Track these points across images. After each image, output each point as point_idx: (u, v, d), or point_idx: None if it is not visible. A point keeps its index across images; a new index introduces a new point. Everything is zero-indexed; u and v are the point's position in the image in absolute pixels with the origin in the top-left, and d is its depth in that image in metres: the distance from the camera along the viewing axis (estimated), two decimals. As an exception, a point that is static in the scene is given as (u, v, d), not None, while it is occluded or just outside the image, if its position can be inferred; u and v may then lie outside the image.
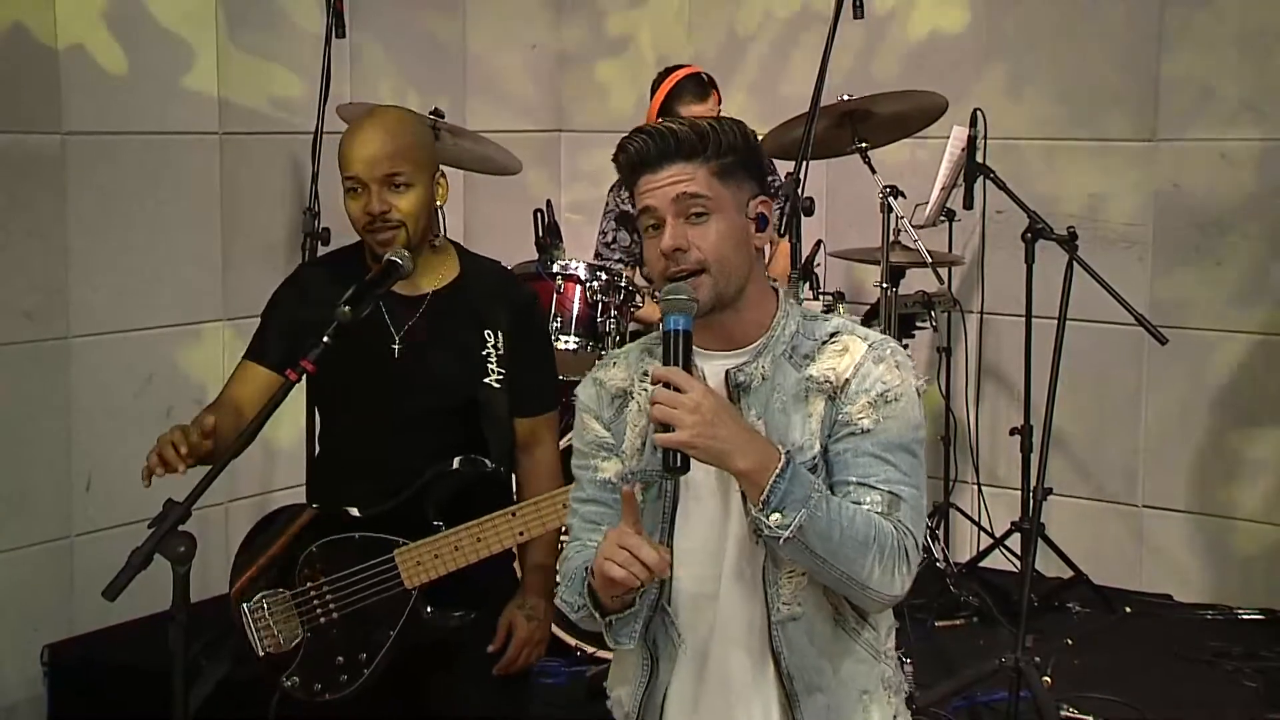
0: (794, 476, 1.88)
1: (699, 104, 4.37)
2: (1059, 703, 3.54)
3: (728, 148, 2.00)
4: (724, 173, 2.00)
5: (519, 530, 2.57)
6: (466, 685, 2.68)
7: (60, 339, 3.92)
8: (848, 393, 1.98)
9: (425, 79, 4.85)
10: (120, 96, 4.02)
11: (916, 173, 4.44)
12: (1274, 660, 3.97)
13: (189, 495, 2.20)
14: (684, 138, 1.99)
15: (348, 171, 2.59)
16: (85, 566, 3.93)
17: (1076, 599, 4.37)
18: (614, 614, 1.99)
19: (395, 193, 2.58)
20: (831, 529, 1.87)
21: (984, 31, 4.76)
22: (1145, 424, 4.59)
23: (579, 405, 2.17)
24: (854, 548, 1.88)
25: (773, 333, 2.03)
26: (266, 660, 2.63)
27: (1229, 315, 4.44)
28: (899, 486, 1.95)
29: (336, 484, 2.68)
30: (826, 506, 1.88)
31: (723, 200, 1.99)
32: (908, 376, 2.00)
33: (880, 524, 1.91)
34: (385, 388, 2.64)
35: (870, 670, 2.04)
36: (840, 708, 2.02)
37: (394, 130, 2.61)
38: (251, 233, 4.33)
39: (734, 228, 2.00)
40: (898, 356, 2.02)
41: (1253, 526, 4.44)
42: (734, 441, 1.86)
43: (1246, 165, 4.39)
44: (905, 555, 1.92)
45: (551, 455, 2.77)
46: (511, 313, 2.69)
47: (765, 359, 2.02)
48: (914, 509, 1.95)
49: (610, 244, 4.53)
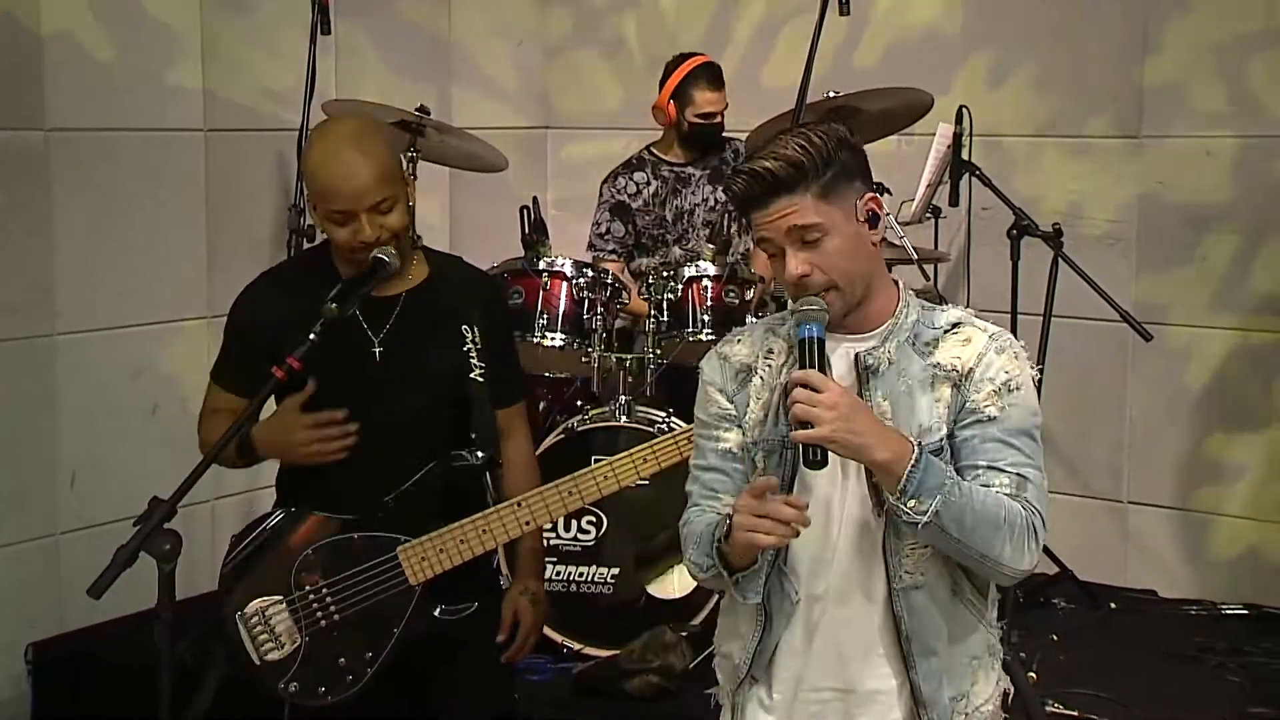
0: (928, 466, 2.03)
1: (713, 91, 4.44)
2: (1044, 698, 3.55)
3: (824, 166, 2.10)
4: (827, 192, 2.10)
5: (525, 520, 2.58)
6: (469, 676, 2.70)
7: (46, 336, 3.91)
8: (972, 380, 2.12)
9: (411, 75, 4.84)
10: (105, 92, 4.01)
11: (902, 169, 4.44)
12: (1257, 655, 3.98)
13: (174, 493, 2.20)
14: (781, 174, 2.09)
15: (334, 206, 2.55)
16: (71, 564, 3.92)
17: (1062, 595, 4.38)
18: (740, 572, 2.13)
19: (383, 215, 2.57)
20: (964, 513, 2.03)
21: (969, 29, 4.77)
22: (1130, 421, 4.61)
23: (703, 379, 2.29)
24: (987, 528, 2.04)
25: (897, 320, 2.18)
26: (263, 668, 2.62)
27: (1213, 312, 4.46)
28: (1025, 469, 2.10)
29: (320, 487, 2.66)
30: (959, 492, 2.03)
31: (833, 218, 2.10)
32: (1025, 366, 2.15)
33: (1009, 505, 2.07)
34: (370, 390, 2.64)
35: (980, 638, 2.20)
36: (951, 670, 2.17)
37: (371, 151, 2.56)
38: (237, 229, 4.32)
39: (849, 239, 2.12)
40: (1015, 347, 2.17)
41: (1236, 522, 4.46)
42: (871, 435, 2.02)
43: (1230, 163, 4.41)
44: (1034, 532, 2.07)
45: (527, 443, 2.82)
46: (483, 307, 2.73)
47: (891, 344, 2.16)
48: (1039, 489, 2.10)
49: (604, 235, 4.53)
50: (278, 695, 2.61)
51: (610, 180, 4.56)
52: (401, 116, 4.17)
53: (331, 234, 2.60)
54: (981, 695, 2.19)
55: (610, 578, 3.86)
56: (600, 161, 4.85)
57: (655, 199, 4.53)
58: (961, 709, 2.17)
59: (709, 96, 4.45)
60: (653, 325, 3.97)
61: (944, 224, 4.55)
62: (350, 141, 2.56)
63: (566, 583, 3.86)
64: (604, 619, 3.83)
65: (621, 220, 4.50)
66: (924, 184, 4.33)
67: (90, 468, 3.97)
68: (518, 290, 4.08)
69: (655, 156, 4.58)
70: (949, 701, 2.16)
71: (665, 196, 4.53)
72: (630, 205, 4.51)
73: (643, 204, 4.53)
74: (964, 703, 2.17)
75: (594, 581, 3.87)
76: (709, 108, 4.46)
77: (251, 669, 2.63)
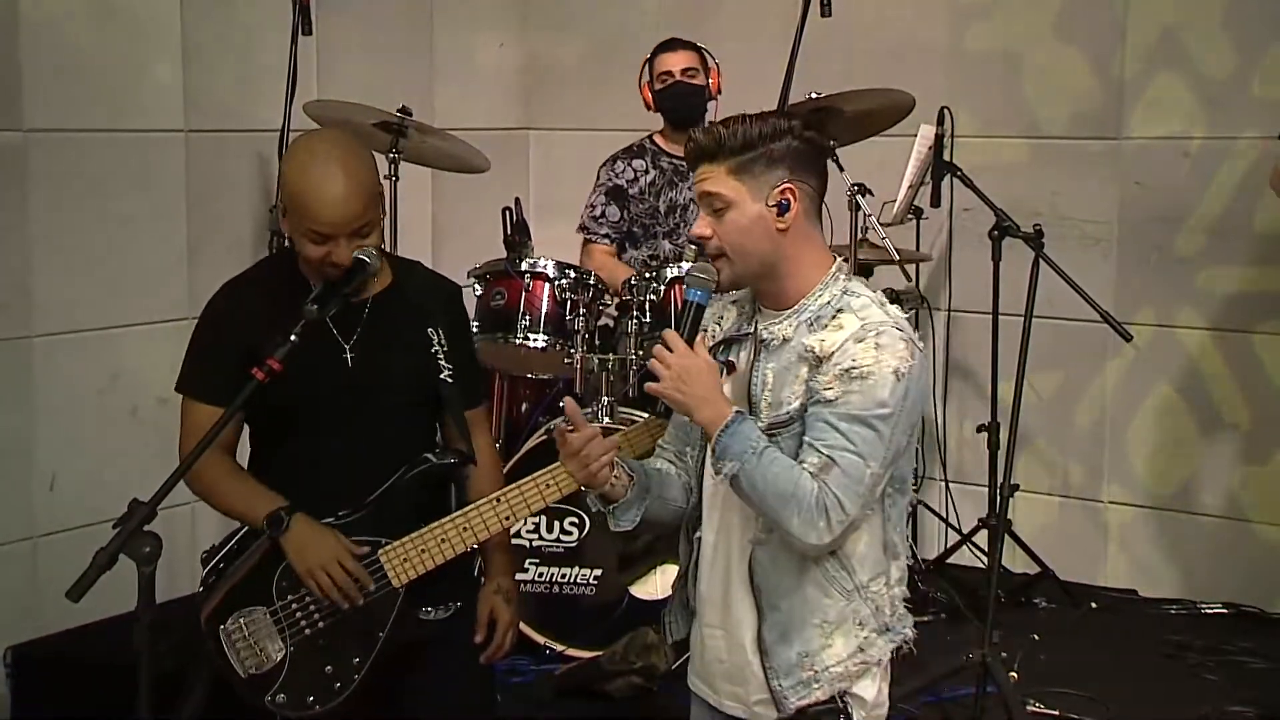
0: (736, 432, 2.20)
1: (674, 52, 4.46)
2: (1025, 698, 3.57)
3: (745, 146, 2.25)
4: (740, 170, 2.26)
5: (505, 515, 2.58)
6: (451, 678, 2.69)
7: (23, 338, 3.88)
8: (825, 365, 2.22)
9: (392, 76, 4.83)
10: (84, 92, 3.99)
11: (884, 170, 4.45)
12: (1237, 654, 4.01)
13: (154, 495, 2.19)
14: (705, 144, 2.28)
15: (315, 226, 2.53)
16: (50, 566, 3.90)
17: (1043, 595, 4.40)
18: (611, 503, 2.34)
19: (361, 239, 2.56)
20: (756, 479, 2.19)
21: (952, 30, 4.78)
22: (1110, 420, 4.63)
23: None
24: (775, 498, 2.19)
25: (806, 302, 2.29)
26: (249, 682, 2.60)
27: (1193, 312, 4.48)
28: (840, 453, 2.18)
29: (296, 494, 2.62)
30: (758, 460, 2.19)
31: (740, 194, 2.26)
32: (885, 359, 2.20)
33: (804, 482, 2.18)
34: (344, 395, 2.63)
35: (836, 605, 2.28)
36: (791, 628, 2.28)
37: (358, 174, 2.55)
38: (217, 231, 4.30)
39: (750, 218, 2.26)
40: (882, 339, 2.21)
41: (1216, 522, 4.49)
42: (697, 398, 2.23)
43: (1209, 163, 4.43)
44: (825, 513, 2.17)
45: (490, 444, 2.83)
46: (446, 309, 2.74)
47: (789, 323, 2.29)
48: (849, 476, 2.18)
49: (598, 218, 4.50)
50: (265, 708, 2.59)
51: (610, 164, 4.54)
52: (383, 117, 4.16)
53: (303, 249, 2.58)
54: (833, 658, 2.28)
55: (592, 579, 3.86)
56: (582, 163, 4.84)
57: (651, 188, 4.52)
58: (808, 666, 2.28)
59: (666, 58, 4.44)
60: (635, 326, 3.97)
61: (926, 225, 4.56)
62: (338, 163, 2.54)
63: (549, 584, 3.86)
64: (586, 620, 3.83)
65: (618, 204, 4.48)
66: (906, 185, 4.33)
67: (69, 470, 3.95)
68: (500, 291, 4.08)
69: (656, 146, 4.56)
70: (796, 657, 2.28)
71: (661, 187, 4.51)
72: (627, 191, 4.49)
73: (639, 191, 4.51)
74: (809, 660, 2.28)
75: (576, 583, 3.87)
76: (666, 67, 4.44)
77: (238, 683, 2.60)
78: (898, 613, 2.32)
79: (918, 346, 2.25)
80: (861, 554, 2.28)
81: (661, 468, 2.43)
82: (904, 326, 2.25)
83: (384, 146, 4.15)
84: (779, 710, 2.29)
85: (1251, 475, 4.43)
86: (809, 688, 2.27)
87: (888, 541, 2.31)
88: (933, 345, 4.78)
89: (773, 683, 2.29)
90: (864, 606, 2.29)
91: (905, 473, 2.31)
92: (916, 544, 4.66)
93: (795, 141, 2.27)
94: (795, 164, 2.27)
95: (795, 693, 2.28)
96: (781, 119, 2.28)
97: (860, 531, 2.26)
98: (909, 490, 2.35)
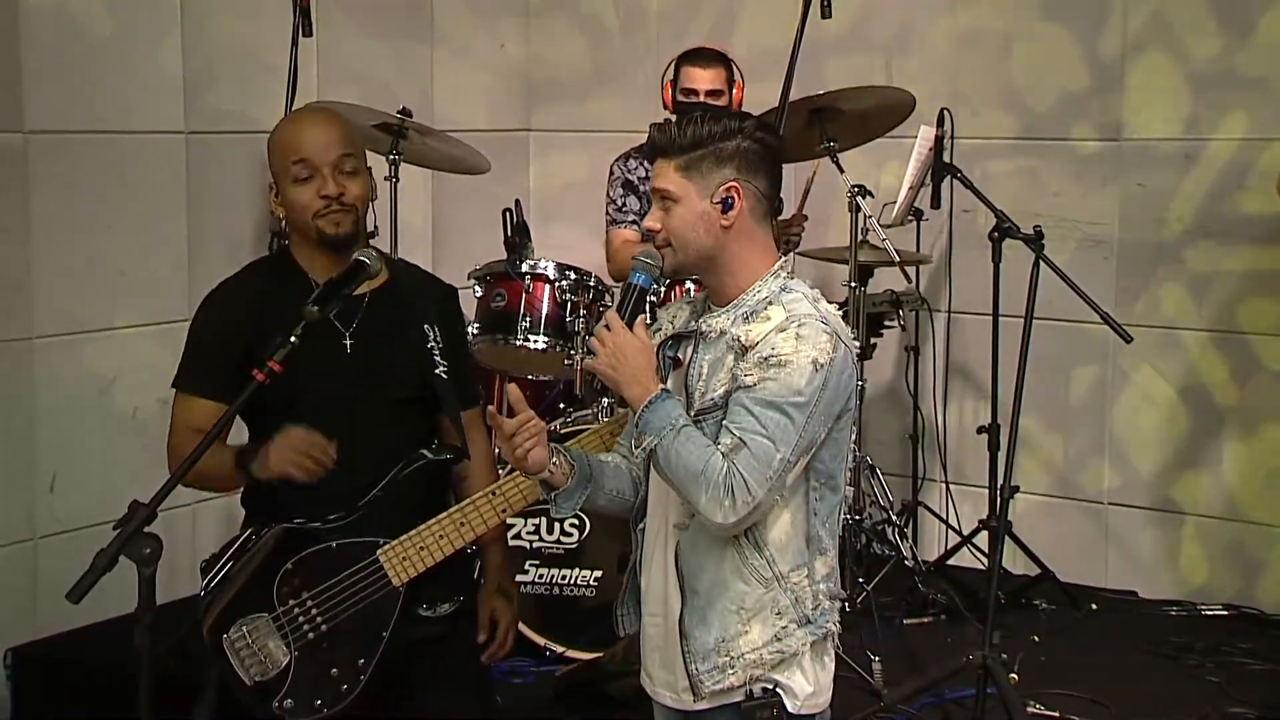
0: (657, 410, 2.27)
1: (701, 69, 4.34)
2: (1026, 699, 3.56)
3: (691, 144, 2.33)
4: (688, 166, 2.33)
5: (501, 508, 2.58)
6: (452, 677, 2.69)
7: (24, 339, 3.89)
8: (748, 354, 2.28)
9: (393, 78, 4.83)
10: (85, 94, 3.99)
11: (884, 171, 4.45)
12: (1237, 655, 4.00)
13: (154, 496, 2.19)
14: (658, 141, 2.36)
15: (296, 155, 2.58)
16: (50, 568, 3.90)
17: (1043, 596, 4.39)
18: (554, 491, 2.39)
19: (347, 177, 2.59)
20: (671, 455, 2.25)
21: (951, 30, 4.78)
22: (1110, 422, 4.62)
23: None
24: (686, 475, 2.24)
25: (745, 297, 2.34)
26: (255, 689, 2.59)
27: (1194, 314, 4.48)
28: (751, 436, 2.23)
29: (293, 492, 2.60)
30: (674, 437, 2.25)
31: (686, 190, 2.33)
32: (805, 349, 2.25)
33: (715, 461, 2.23)
34: (344, 384, 2.64)
35: (754, 592, 2.31)
36: (712, 613, 2.32)
37: (337, 118, 2.68)
38: (217, 232, 4.30)
39: (694, 213, 2.33)
40: (804, 330, 2.26)
41: (1216, 523, 4.48)
42: (627, 375, 2.30)
43: (1210, 165, 4.42)
44: (731, 493, 2.22)
45: (487, 445, 2.83)
46: (440, 309, 2.76)
47: (727, 316, 2.35)
48: (758, 459, 2.22)
49: (622, 208, 4.47)
50: (273, 715, 2.59)
51: (622, 160, 4.53)
52: (383, 118, 4.16)
53: (294, 199, 2.59)
54: (748, 645, 2.30)
55: (593, 580, 3.86)
56: (582, 164, 4.85)
57: None
58: (724, 651, 2.31)
59: (694, 73, 4.37)
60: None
61: (926, 227, 4.56)
62: (315, 110, 2.72)
63: (549, 585, 3.86)
64: (587, 621, 3.82)
65: (635, 196, 4.48)
66: (906, 186, 4.33)
67: (69, 471, 3.95)
68: (500, 293, 4.08)
69: None
70: (714, 641, 2.31)
71: None
72: (639, 187, 4.49)
73: (649, 189, 4.49)
74: (726, 645, 2.31)
75: (576, 584, 3.87)
76: (693, 84, 4.38)
77: (244, 692, 2.60)
78: (820, 606, 2.34)
79: (845, 343, 2.29)
80: (781, 543, 2.31)
81: (613, 460, 2.47)
82: (830, 320, 2.30)
83: (384, 148, 4.15)
84: (694, 694, 2.32)
85: (1251, 476, 4.43)
86: (724, 673, 2.30)
87: (812, 535, 2.33)
88: (933, 347, 4.78)
89: (690, 666, 2.32)
90: (783, 596, 2.31)
91: (834, 469, 2.33)
92: (917, 545, 4.66)
93: (746, 142, 2.32)
94: (743, 164, 2.33)
95: (710, 677, 2.31)
96: (734, 119, 2.34)
97: (779, 520, 2.30)
98: (841, 488, 2.37)
